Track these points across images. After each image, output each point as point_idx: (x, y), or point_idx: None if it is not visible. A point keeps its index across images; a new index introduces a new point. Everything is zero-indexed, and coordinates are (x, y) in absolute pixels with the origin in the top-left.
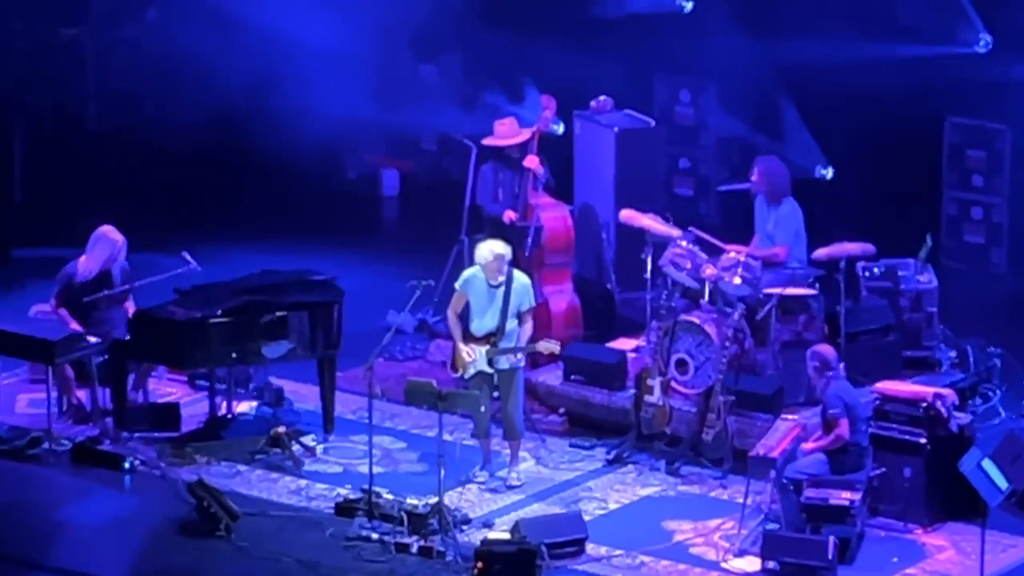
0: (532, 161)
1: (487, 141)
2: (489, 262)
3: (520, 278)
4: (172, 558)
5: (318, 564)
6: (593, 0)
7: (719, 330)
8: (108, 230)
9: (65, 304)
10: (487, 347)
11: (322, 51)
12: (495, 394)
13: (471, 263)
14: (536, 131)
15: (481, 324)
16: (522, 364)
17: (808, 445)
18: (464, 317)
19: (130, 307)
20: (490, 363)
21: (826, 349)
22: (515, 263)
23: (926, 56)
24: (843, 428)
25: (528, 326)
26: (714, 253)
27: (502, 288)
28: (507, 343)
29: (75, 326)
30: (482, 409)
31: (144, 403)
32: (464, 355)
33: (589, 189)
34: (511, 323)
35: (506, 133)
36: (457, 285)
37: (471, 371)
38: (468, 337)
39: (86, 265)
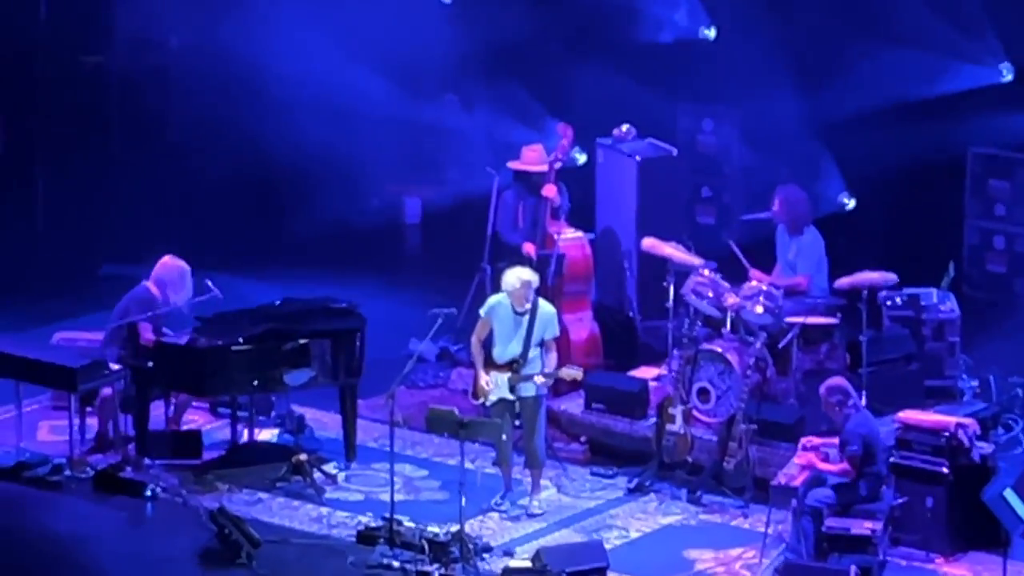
0: (550, 190)
1: (513, 164)
2: (516, 289)
3: (545, 307)
4: None
5: None
6: (617, 29)
7: (741, 359)
8: (176, 262)
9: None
10: (509, 374)
11: (345, 79)
12: (517, 422)
13: (493, 291)
14: (554, 160)
15: (504, 351)
16: (545, 393)
17: (824, 466)
18: (488, 344)
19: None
20: (512, 390)
21: (841, 381)
22: (537, 292)
23: (949, 86)
24: (852, 465)
25: (553, 355)
26: (738, 275)
27: (527, 316)
28: (530, 370)
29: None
30: (503, 437)
31: (166, 430)
32: (483, 383)
33: (611, 217)
34: (534, 351)
35: (533, 159)
36: (482, 312)
37: (493, 398)
38: (491, 364)
39: (174, 298)
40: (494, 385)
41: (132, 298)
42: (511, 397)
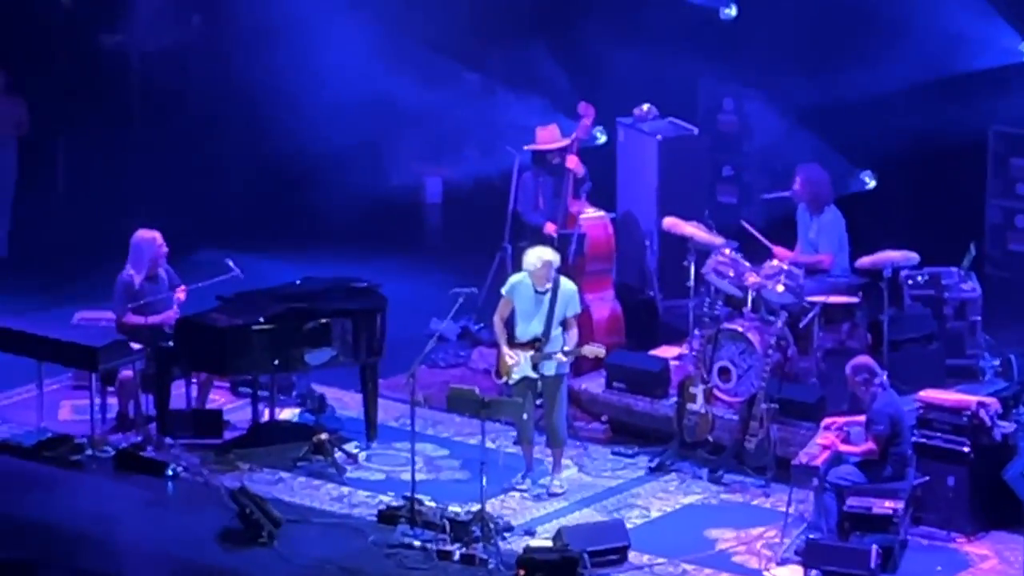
0: (572, 161)
1: (529, 147)
2: (537, 269)
3: (567, 285)
4: (215, 565)
5: (360, 571)
6: (637, 8)
7: (762, 338)
8: (140, 233)
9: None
10: (532, 352)
11: (365, 59)
12: (539, 401)
13: (514, 270)
14: (575, 138)
15: (526, 330)
16: (567, 371)
17: (845, 447)
18: (510, 323)
19: (181, 294)
20: (535, 368)
21: (867, 360)
22: (558, 270)
23: (970, 65)
24: (877, 444)
25: (574, 332)
26: (759, 254)
27: (548, 294)
28: (552, 349)
29: (156, 319)
30: (524, 416)
31: (187, 410)
32: (507, 359)
33: (632, 197)
34: (556, 329)
35: (547, 138)
36: (503, 291)
37: (516, 376)
38: (513, 343)
39: (133, 272)
40: (517, 363)
41: (116, 286)
42: (534, 375)
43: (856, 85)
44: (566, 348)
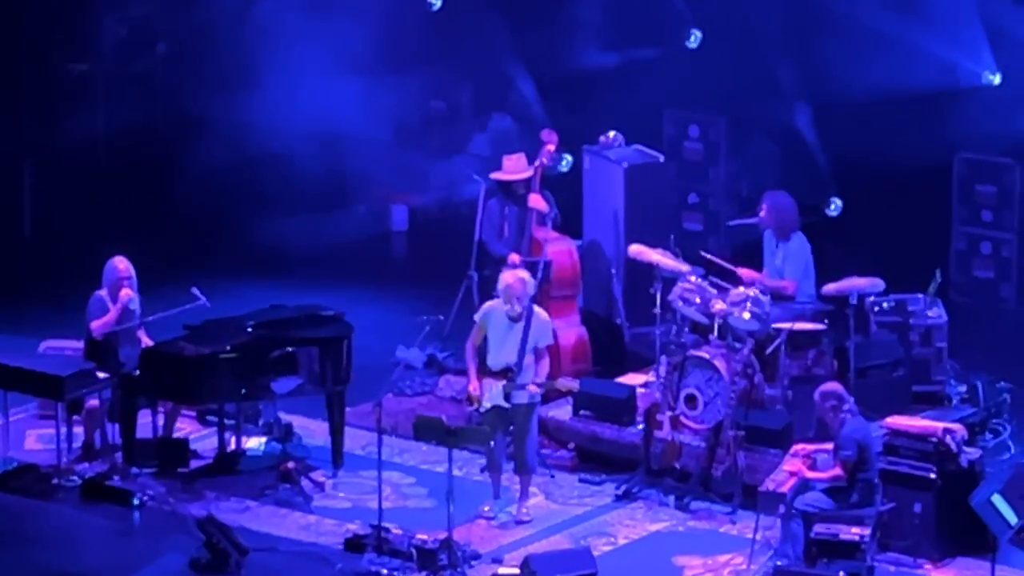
0: (537, 201)
1: (495, 175)
2: (509, 285)
3: (540, 315)
4: None
5: None
6: (602, 37)
7: (729, 365)
8: (113, 259)
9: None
10: (504, 382)
11: (333, 85)
12: (511, 427)
13: (480, 298)
14: (538, 166)
15: (498, 358)
16: (538, 401)
17: (812, 474)
18: (482, 351)
19: (144, 339)
20: (506, 398)
21: (836, 386)
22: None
23: (936, 92)
24: (844, 470)
25: (545, 362)
26: (725, 279)
27: (522, 323)
28: (523, 379)
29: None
30: (492, 444)
31: (153, 439)
32: (471, 390)
33: (598, 224)
34: (528, 358)
35: (514, 168)
36: (477, 317)
37: (487, 405)
38: (485, 370)
39: (105, 294)
40: (488, 392)
41: (90, 303)
42: (506, 405)
43: (821, 112)
44: (537, 380)
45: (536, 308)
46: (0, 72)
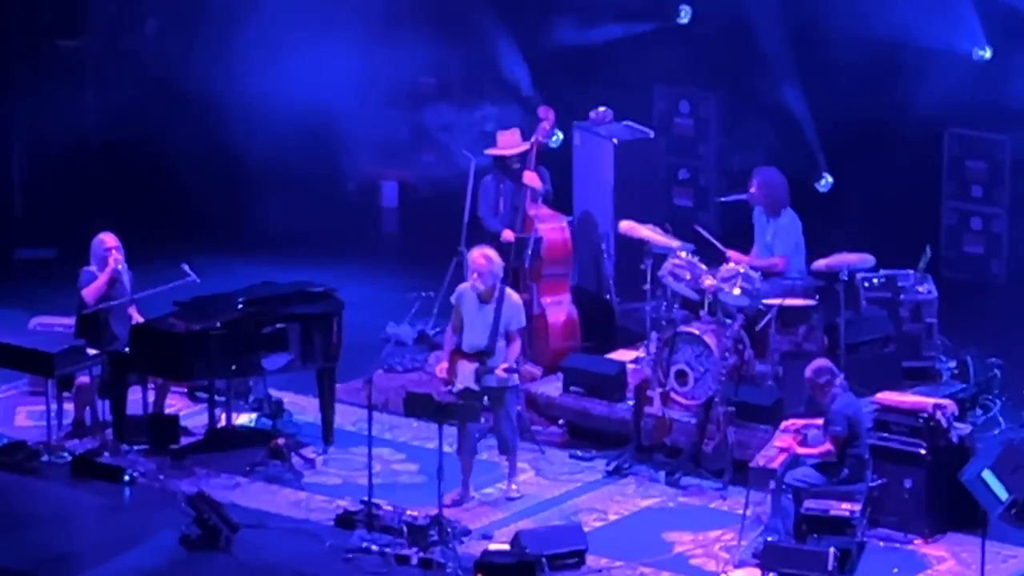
0: (531, 178)
1: (489, 151)
2: (474, 259)
3: (512, 298)
4: (171, 571)
5: None
6: (594, 11)
7: (719, 341)
8: (100, 235)
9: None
10: (477, 364)
11: (322, 61)
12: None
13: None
14: (535, 143)
15: (470, 340)
16: (515, 382)
17: (802, 450)
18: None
19: (135, 315)
20: (477, 381)
21: (827, 362)
22: (516, 275)
23: (926, 67)
24: (835, 446)
25: (516, 346)
26: (715, 258)
27: (493, 305)
28: (496, 362)
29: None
30: (482, 420)
31: (144, 416)
32: (437, 370)
33: (588, 200)
34: (501, 342)
35: (509, 143)
36: (452, 299)
37: (459, 386)
38: (461, 352)
39: (95, 268)
40: (461, 374)
41: (80, 277)
42: (476, 388)
43: (812, 88)
44: (505, 366)
45: (509, 291)
46: None
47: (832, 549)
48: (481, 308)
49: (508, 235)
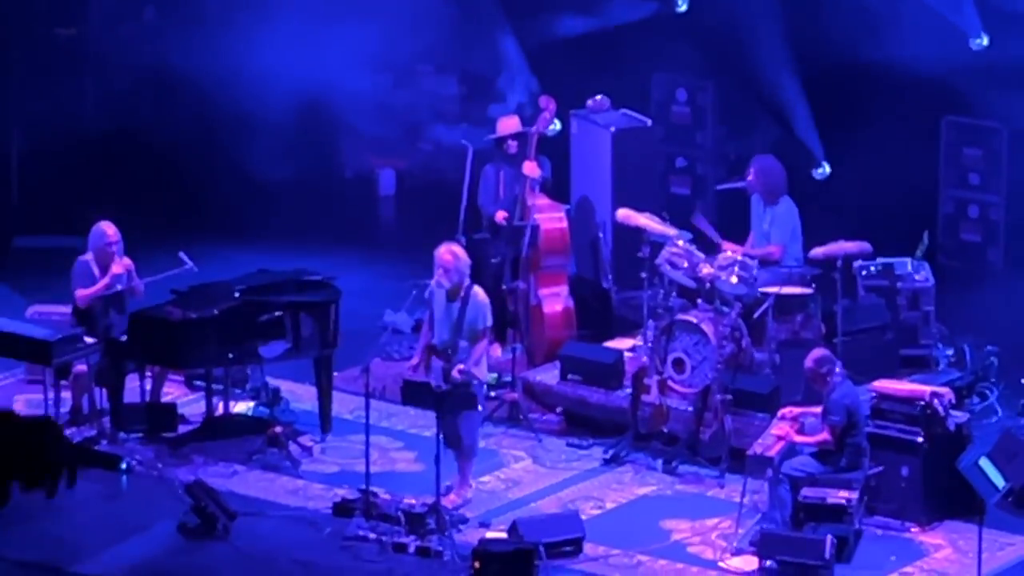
0: (531, 168)
1: (490, 136)
2: (438, 254)
3: (478, 296)
4: (169, 559)
5: (315, 564)
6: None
7: (716, 329)
8: (100, 224)
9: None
10: (444, 363)
11: (320, 50)
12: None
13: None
14: (535, 132)
15: (438, 337)
16: (479, 385)
17: (800, 438)
18: None
19: (137, 285)
20: (445, 379)
21: (827, 352)
22: (514, 264)
23: (923, 54)
24: (833, 435)
25: (479, 347)
26: (712, 247)
27: (459, 304)
28: (460, 360)
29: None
30: (479, 408)
31: (141, 404)
32: (408, 365)
33: (586, 188)
34: (463, 342)
35: (508, 128)
36: (425, 294)
37: (432, 383)
38: (433, 349)
39: (90, 258)
40: (432, 371)
41: (74, 267)
42: (445, 386)
43: (809, 76)
44: (460, 368)
45: (476, 289)
46: None
47: (829, 537)
48: (448, 306)
49: (500, 215)
